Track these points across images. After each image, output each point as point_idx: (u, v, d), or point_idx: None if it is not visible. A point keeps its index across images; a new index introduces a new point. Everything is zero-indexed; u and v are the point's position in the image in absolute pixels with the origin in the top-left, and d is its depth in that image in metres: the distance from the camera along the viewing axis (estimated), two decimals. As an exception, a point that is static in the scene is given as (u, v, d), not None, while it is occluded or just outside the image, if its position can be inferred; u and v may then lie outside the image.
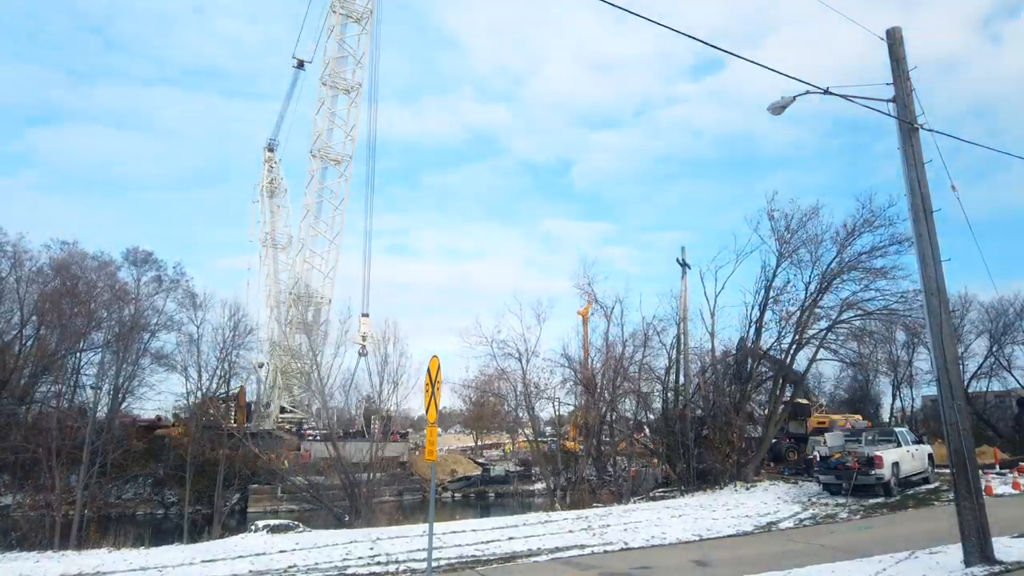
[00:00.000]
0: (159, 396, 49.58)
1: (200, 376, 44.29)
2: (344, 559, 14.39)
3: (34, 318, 48.51)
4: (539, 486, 48.58)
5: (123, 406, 44.49)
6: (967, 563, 10.36)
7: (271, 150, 68.21)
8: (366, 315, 58.30)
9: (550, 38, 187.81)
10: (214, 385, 44.99)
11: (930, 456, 26.26)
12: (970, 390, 44.32)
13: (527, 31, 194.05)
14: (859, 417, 38.70)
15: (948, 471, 11.53)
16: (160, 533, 31.37)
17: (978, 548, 10.32)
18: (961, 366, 40.31)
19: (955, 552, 11.09)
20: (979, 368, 47.12)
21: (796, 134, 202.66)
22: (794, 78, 10.84)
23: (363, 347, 54.93)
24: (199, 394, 44.39)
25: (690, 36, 9.41)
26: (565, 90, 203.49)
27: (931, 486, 24.54)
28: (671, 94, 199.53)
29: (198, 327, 45.33)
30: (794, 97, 11.87)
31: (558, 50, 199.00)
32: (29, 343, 49.08)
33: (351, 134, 60.54)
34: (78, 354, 46.27)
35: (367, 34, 59.79)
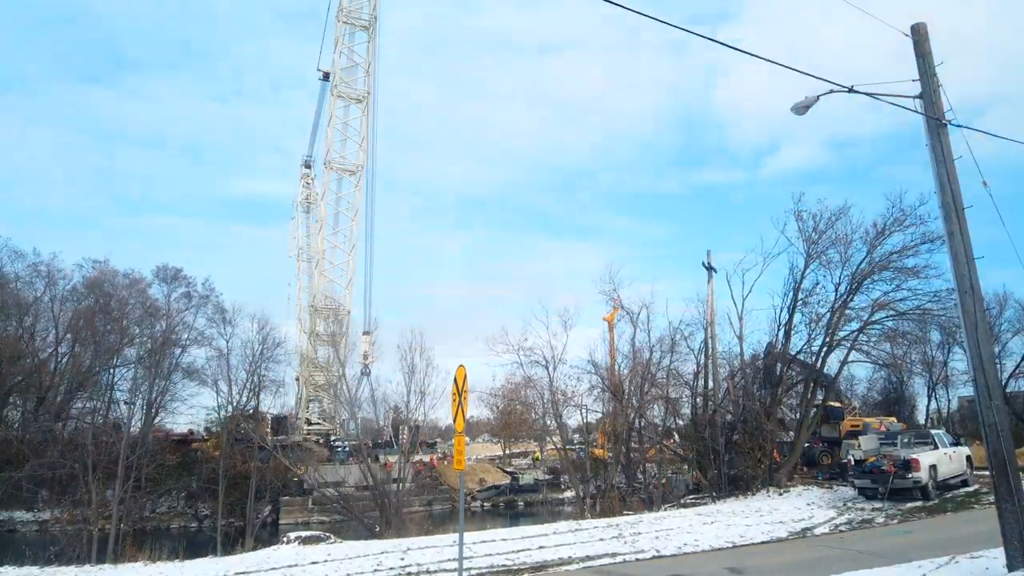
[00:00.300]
0: (191, 410, 50.41)
1: (230, 390, 44.84)
2: (375, 570, 14.43)
3: (68, 336, 49.64)
4: (568, 494, 48.38)
5: (156, 421, 45.19)
6: (1010, 567, 10.09)
7: (307, 167, 68.81)
8: (367, 333, 57.87)
9: (801, 120, 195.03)
10: (244, 399, 45.48)
11: (968, 458, 25.69)
12: (1008, 390, 43.22)
13: (781, 114, 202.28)
14: (894, 419, 37.97)
15: (987, 473, 11.26)
16: (194, 546, 31.72)
17: (1021, 552, 10.04)
18: (998, 365, 39.27)
19: (997, 556, 10.82)
20: (1017, 367, 45.84)
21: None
22: (818, 77, 10.72)
23: (366, 366, 54.98)
24: (229, 408, 44.92)
25: (705, 36, 9.37)
26: (798, 161, 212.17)
27: (970, 489, 23.99)
28: (887, 161, 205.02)
29: (227, 342, 45.94)
30: (818, 96, 11.72)
31: (805, 130, 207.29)
32: (64, 360, 50.21)
33: (363, 145, 60.71)
34: (112, 370, 47.18)
35: (374, 41, 60.01)
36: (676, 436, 38.53)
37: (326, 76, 62.10)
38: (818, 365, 29.81)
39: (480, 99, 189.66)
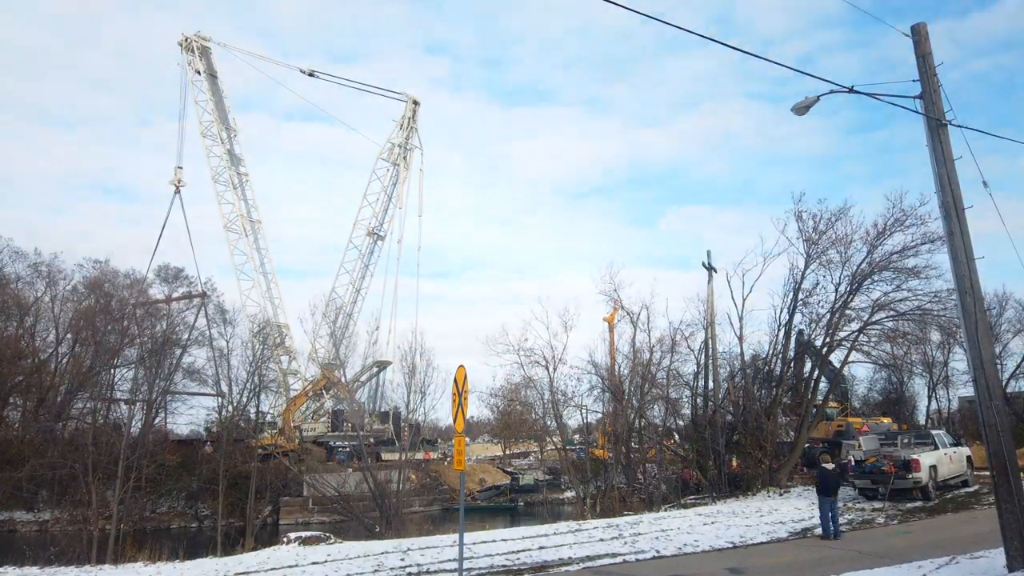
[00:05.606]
0: (191, 411, 50.40)
1: (231, 390, 44.79)
2: (376, 570, 14.43)
3: (69, 336, 49.61)
4: (569, 494, 48.36)
5: (156, 421, 45.12)
6: (1010, 567, 10.09)
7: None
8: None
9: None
10: (244, 399, 45.45)
11: (968, 459, 25.69)
12: (1009, 390, 43.23)
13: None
14: (886, 420, 38.03)
15: (988, 474, 11.26)
16: (194, 546, 31.69)
17: (1021, 552, 10.04)
18: (999, 365, 39.33)
19: (997, 556, 10.82)
20: (1017, 367, 45.91)
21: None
22: (818, 77, 10.75)
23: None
24: (230, 408, 44.88)
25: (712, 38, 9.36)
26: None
27: (970, 489, 24.01)
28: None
29: (228, 342, 45.91)
30: (818, 97, 11.74)
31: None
32: (64, 360, 50.18)
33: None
34: (112, 370, 47.12)
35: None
36: (676, 436, 38.52)
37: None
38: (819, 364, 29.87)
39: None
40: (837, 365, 31.40)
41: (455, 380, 12.13)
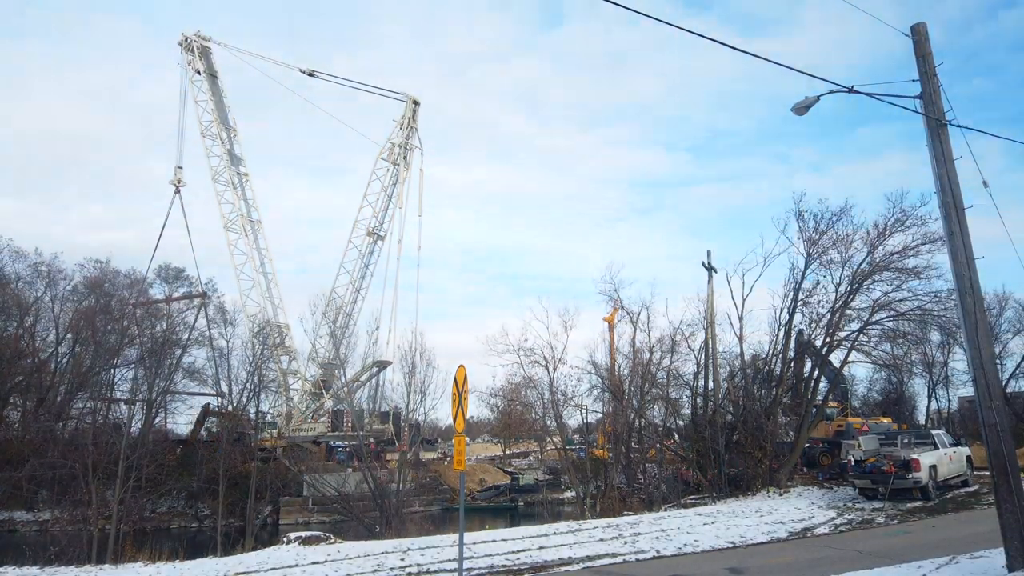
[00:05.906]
0: (191, 411, 50.39)
1: (230, 390, 44.78)
2: (376, 570, 14.44)
3: (69, 336, 49.63)
4: (569, 494, 48.34)
5: (156, 421, 45.11)
6: (1010, 567, 10.08)
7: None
8: None
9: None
10: (244, 399, 45.44)
11: (968, 459, 25.70)
12: (1008, 390, 43.24)
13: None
14: (886, 419, 38.02)
15: (987, 473, 11.26)
16: (194, 546, 31.70)
17: (1021, 552, 10.03)
18: (999, 365, 39.32)
19: (997, 557, 10.82)
20: (1017, 367, 45.91)
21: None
22: (819, 78, 10.75)
23: None
24: (230, 408, 44.86)
25: (709, 38, 9.35)
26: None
27: (970, 489, 24.01)
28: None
29: (228, 342, 45.91)
30: (818, 97, 11.74)
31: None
32: (65, 360, 50.20)
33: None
34: (112, 370, 47.15)
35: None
36: (676, 436, 38.52)
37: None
38: (822, 360, 29.89)
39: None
40: (837, 365, 31.40)
41: (455, 380, 12.14)
